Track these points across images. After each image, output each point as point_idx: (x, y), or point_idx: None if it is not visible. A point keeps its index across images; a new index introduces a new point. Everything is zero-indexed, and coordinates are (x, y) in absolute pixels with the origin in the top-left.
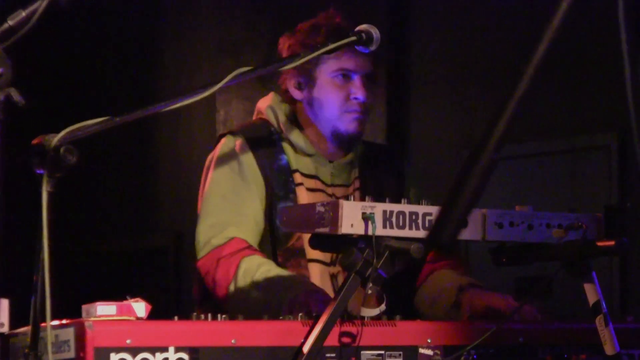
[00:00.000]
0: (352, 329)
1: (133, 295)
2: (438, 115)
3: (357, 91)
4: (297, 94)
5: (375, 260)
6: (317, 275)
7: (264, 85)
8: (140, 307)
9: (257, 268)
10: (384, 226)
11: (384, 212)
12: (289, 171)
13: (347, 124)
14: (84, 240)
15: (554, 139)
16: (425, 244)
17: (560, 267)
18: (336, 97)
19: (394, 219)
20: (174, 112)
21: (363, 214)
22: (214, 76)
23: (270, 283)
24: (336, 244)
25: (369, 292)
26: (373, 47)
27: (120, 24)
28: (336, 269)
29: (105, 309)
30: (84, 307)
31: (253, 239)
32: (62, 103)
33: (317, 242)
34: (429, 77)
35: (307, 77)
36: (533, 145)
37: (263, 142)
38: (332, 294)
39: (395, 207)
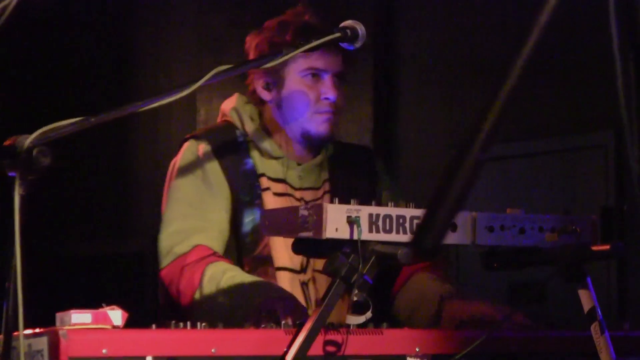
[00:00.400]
0: (337, 337)
1: (109, 303)
2: (427, 113)
3: (328, 91)
4: (265, 95)
5: (360, 266)
6: (287, 283)
7: None
8: (116, 315)
9: (223, 274)
10: (370, 230)
11: (370, 215)
12: (254, 176)
13: (318, 126)
14: (58, 244)
15: (547, 137)
16: (410, 249)
17: (554, 273)
18: (306, 97)
19: (380, 223)
20: (153, 112)
21: (348, 217)
22: (194, 74)
23: (236, 289)
24: (320, 249)
25: (355, 298)
26: (358, 44)
27: (95, 19)
28: (307, 276)
29: (80, 317)
30: (58, 315)
31: (218, 246)
32: (35, 103)
33: (301, 247)
34: (417, 75)
35: (275, 78)
36: (525, 144)
37: (227, 146)
38: (303, 303)
39: (382, 211)
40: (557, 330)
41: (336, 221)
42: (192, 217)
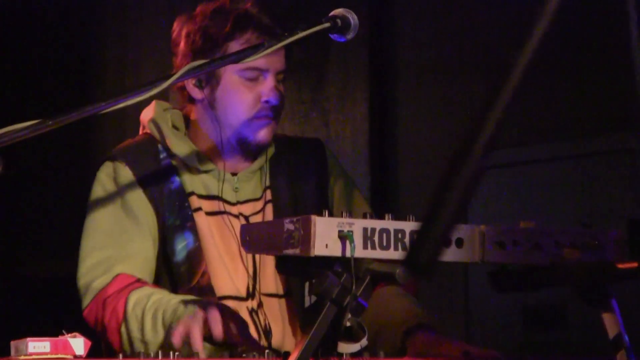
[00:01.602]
0: None
1: (70, 330)
2: (429, 113)
3: (269, 93)
4: (196, 93)
5: (354, 287)
6: None
7: None
8: (78, 344)
9: (148, 298)
10: (365, 246)
11: (365, 229)
12: (183, 195)
13: (256, 132)
14: (11, 264)
15: (564, 141)
16: (403, 268)
17: (574, 294)
18: (243, 99)
19: (376, 238)
20: (120, 114)
21: (340, 232)
22: (164, 72)
23: (165, 311)
24: (308, 268)
25: (348, 324)
26: (350, 36)
27: (54, 12)
28: (254, 302)
29: (37, 346)
30: (13, 343)
31: (144, 277)
32: None
33: (286, 266)
34: (417, 70)
35: (209, 74)
36: (540, 148)
37: (149, 164)
38: (254, 334)
39: (378, 224)
40: (578, 359)
41: (326, 236)
42: (111, 247)
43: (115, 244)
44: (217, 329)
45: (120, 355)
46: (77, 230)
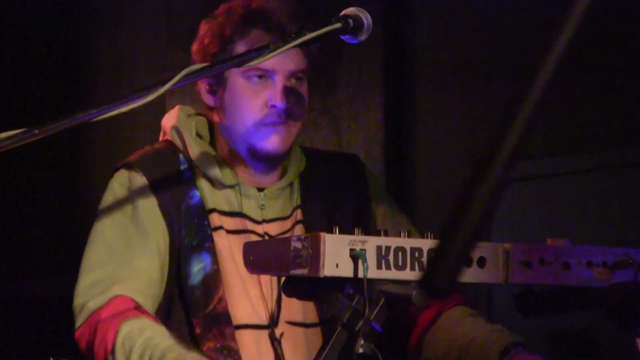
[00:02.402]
0: None
1: (57, 354)
2: (448, 121)
3: (275, 97)
4: (209, 100)
5: (367, 310)
6: (251, 344)
7: None
8: None
9: (140, 334)
10: (379, 266)
11: (379, 248)
12: (202, 212)
13: (264, 141)
14: (3, 284)
15: (596, 152)
16: (417, 288)
17: (606, 318)
18: (250, 104)
19: (390, 257)
20: (114, 120)
21: (351, 250)
22: (162, 74)
23: (148, 355)
24: (317, 290)
25: (360, 350)
26: (363, 37)
27: (44, 10)
28: (277, 331)
29: None
30: None
31: (145, 300)
32: None
33: (293, 288)
34: (436, 74)
35: (218, 78)
36: (569, 160)
37: (168, 175)
38: None
39: (393, 242)
40: None
41: (337, 255)
42: (113, 265)
43: (119, 260)
44: None
45: None
46: (66, 248)
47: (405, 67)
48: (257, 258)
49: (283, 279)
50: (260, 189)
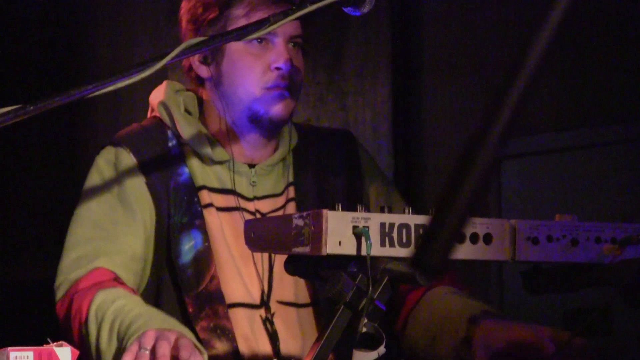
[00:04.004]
0: None
1: (55, 338)
2: (459, 95)
3: (279, 59)
4: (203, 71)
5: (370, 289)
6: (244, 323)
7: None
8: (65, 353)
9: (112, 303)
10: (382, 244)
11: (382, 225)
12: (192, 190)
13: (268, 104)
14: None
15: (606, 125)
16: (410, 266)
17: (615, 294)
18: (251, 68)
19: (394, 235)
20: (112, 96)
21: (354, 228)
22: (160, 49)
23: (118, 323)
24: (319, 268)
25: (364, 329)
26: (365, 9)
27: None
28: (270, 310)
29: (19, 356)
30: None
31: (128, 276)
32: None
33: (294, 266)
34: (445, 48)
35: (213, 48)
36: (578, 134)
37: (156, 152)
38: (268, 345)
39: (396, 219)
40: None
41: (339, 233)
42: (97, 240)
43: (102, 236)
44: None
45: None
46: (62, 231)
47: (413, 40)
48: (259, 236)
49: (274, 258)
50: (251, 166)
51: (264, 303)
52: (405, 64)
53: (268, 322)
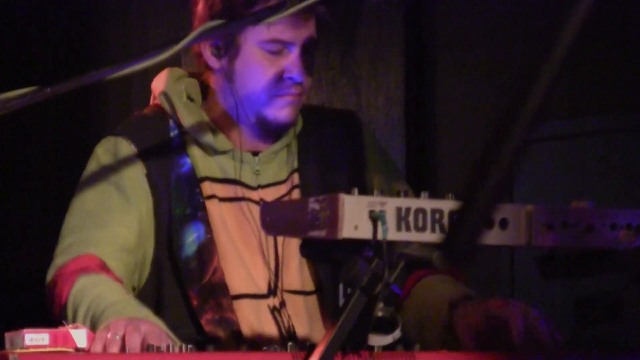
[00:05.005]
0: None
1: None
2: (473, 79)
3: (294, 69)
4: (213, 62)
5: (386, 273)
6: (251, 314)
7: None
8: (80, 336)
9: (91, 289)
10: (398, 228)
11: (398, 209)
12: (194, 181)
13: (277, 111)
14: (6, 253)
15: (623, 111)
16: (441, 253)
17: (630, 281)
18: (264, 74)
19: (411, 219)
20: (126, 82)
21: (371, 212)
22: (175, 33)
23: (93, 309)
24: (335, 253)
25: (379, 314)
26: None
27: None
28: (276, 299)
29: (35, 338)
30: (8, 335)
31: (118, 265)
32: None
33: (310, 250)
34: (460, 32)
35: (228, 42)
36: (595, 120)
37: (157, 142)
38: (277, 335)
39: (413, 203)
40: (635, 354)
41: (355, 217)
42: (90, 228)
43: (96, 223)
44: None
45: (127, 349)
46: None
47: (426, 25)
48: (274, 220)
49: (282, 246)
50: (254, 154)
51: (272, 292)
52: (418, 49)
53: (277, 311)
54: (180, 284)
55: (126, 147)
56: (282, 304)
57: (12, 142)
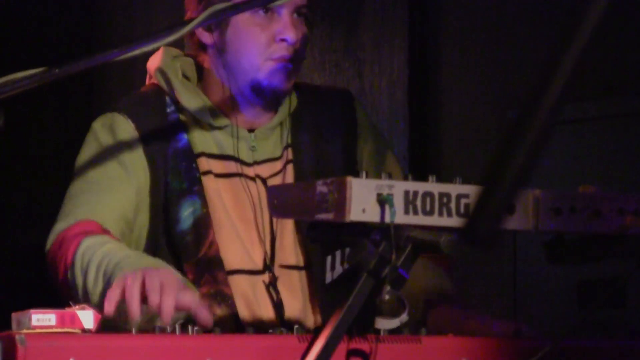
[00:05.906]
0: (363, 346)
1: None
2: (477, 63)
3: (285, 30)
4: (205, 38)
5: (394, 257)
6: (246, 289)
7: None
8: (87, 316)
9: (101, 246)
10: (406, 212)
11: (406, 193)
12: (190, 156)
13: (271, 75)
14: (12, 232)
15: (630, 95)
16: (459, 237)
17: (636, 268)
18: (256, 39)
19: (418, 203)
20: (130, 64)
21: (378, 195)
22: (181, 16)
23: (105, 263)
24: (342, 235)
25: (386, 297)
26: None
27: None
28: (272, 275)
29: (41, 319)
30: (14, 316)
31: (115, 232)
32: None
33: (318, 233)
34: (464, 14)
35: None
36: (602, 104)
37: (154, 118)
38: (271, 311)
39: (421, 187)
40: (639, 340)
41: (363, 200)
42: (90, 193)
43: (96, 190)
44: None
45: (133, 330)
46: None
47: (431, 8)
48: (282, 202)
49: (276, 223)
50: (251, 131)
51: (267, 268)
52: (422, 32)
53: (272, 286)
54: (176, 258)
55: (124, 123)
56: (278, 279)
57: (16, 122)
